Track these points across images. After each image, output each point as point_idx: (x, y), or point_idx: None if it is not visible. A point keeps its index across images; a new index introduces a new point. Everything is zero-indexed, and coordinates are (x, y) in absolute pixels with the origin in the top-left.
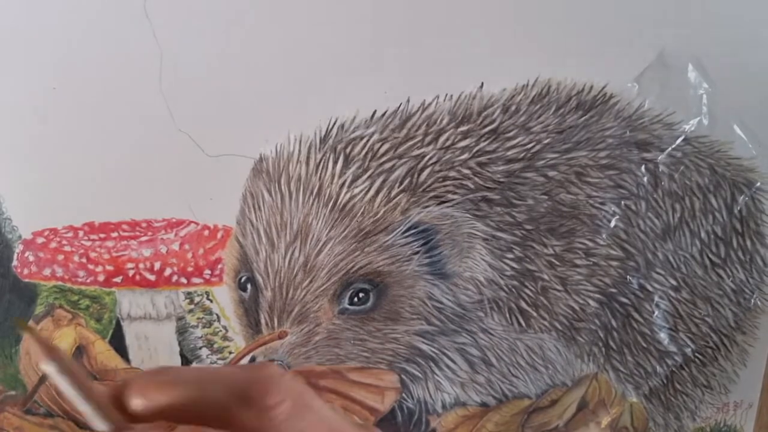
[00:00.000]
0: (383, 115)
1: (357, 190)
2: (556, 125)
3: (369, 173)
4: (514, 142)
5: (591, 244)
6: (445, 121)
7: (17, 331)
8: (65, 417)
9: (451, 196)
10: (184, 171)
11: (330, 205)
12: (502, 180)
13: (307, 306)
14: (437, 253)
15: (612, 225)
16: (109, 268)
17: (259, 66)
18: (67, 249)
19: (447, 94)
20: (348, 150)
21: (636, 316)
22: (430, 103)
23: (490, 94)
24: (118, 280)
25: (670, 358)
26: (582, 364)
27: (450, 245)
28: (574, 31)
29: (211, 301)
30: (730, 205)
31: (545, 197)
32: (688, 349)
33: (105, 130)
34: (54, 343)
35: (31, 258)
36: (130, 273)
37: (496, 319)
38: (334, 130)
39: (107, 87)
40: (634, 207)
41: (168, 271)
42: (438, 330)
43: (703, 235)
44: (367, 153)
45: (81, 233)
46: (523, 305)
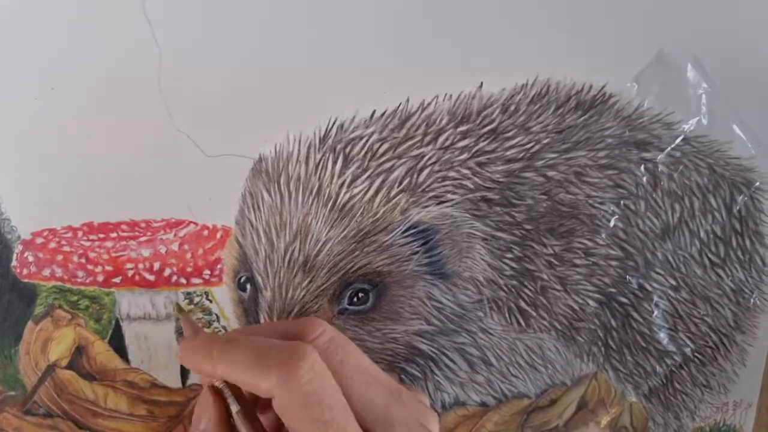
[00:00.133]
0: (382, 115)
1: (356, 190)
2: (556, 125)
3: (368, 173)
4: (514, 141)
5: (590, 244)
6: (444, 121)
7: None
8: (64, 417)
9: (450, 196)
10: (183, 171)
11: (329, 205)
12: (501, 180)
13: (307, 306)
14: (437, 252)
15: (611, 225)
16: (108, 268)
17: (258, 66)
18: (66, 249)
19: (446, 94)
20: (347, 150)
21: (635, 315)
22: (429, 103)
23: (489, 94)
24: (117, 280)
25: (670, 358)
26: (581, 363)
27: (449, 245)
28: (573, 31)
29: (210, 301)
30: (730, 205)
31: (544, 197)
32: (687, 349)
33: (104, 131)
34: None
35: (30, 258)
36: (130, 273)
37: (495, 319)
38: (334, 130)
39: (106, 87)
40: (633, 207)
41: (167, 272)
42: (437, 330)
43: (702, 234)
44: (366, 153)
45: (80, 233)
46: (523, 305)
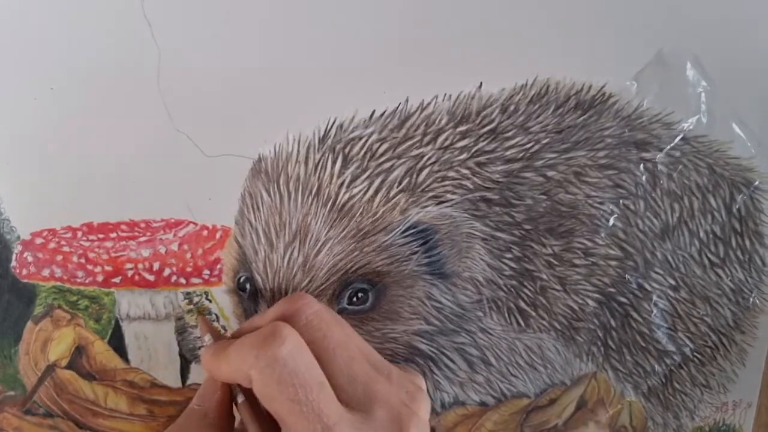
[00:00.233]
0: (382, 115)
1: (356, 190)
2: (555, 125)
3: (368, 173)
4: (513, 142)
5: (590, 244)
6: (443, 121)
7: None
8: (65, 417)
9: (449, 196)
10: (182, 171)
11: (329, 205)
12: (500, 180)
13: None
14: (436, 252)
15: (611, 224)
16: (107, 268)
17: (257, 66)
18: (65, 249)
19: (446, 94)
20: (347, 150)
21: (635, 315)
22: (428, 103)
23: (488, 94)
24: (117, 280)
25: (669, 358)
26: (581, 363)
27: (449, 245)
28: (573, 31)
29: (210, 301)
30: (729, 205)
31: (544, 197)
32: (686, 349)
33: (103, 131)
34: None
35: (29, 258)
36: (129, 273)
37: (495, 319)
38: (333, 130)
39: (105, 87)
40: (632, 206)
41: (167, 272)
42: (437, 330)
43: (701, 234)
44: (365, 153)
45: (79, 234)
46: (522, 305)
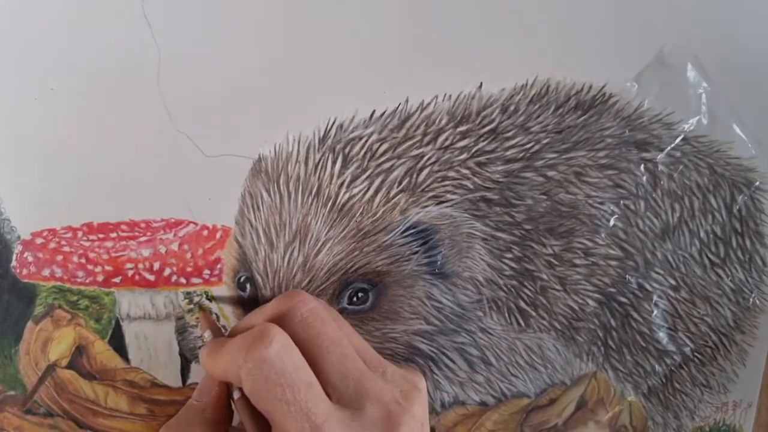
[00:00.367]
0: (382, 115)
1: (356, 190)
2: (555, 125)
3: (368, 173)
4: (513, 142)
5: (590, 244)
6: (443, 121)
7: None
8: (65, 417)
9: (450, 196)
10: (182, 171)
11: (329, 205)
12: (501, 180)
13: None
14: (436, 252)
15: (611, 224)
16: (108, 268)
17: (257, 66)
18: (66, 249)
19: (446, 94)
20: (347, 150)
21: (635, 315)
22: (428, 103)
23: (489, 94)
24: (117, 280)
25: (669, 358)
26: (581, 363)
27: (449, 245)
28: (573, 31)
29: (210, 300)
30: (730, 205)
31: (544, 197)
32: (687, 349)
33: (103, 131)
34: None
35: (30, 258)
36: (130, 273)
37: (495, 319)
38: (333, 130)
39: (105, 87)
40: (633, 207)
41: (167, 271)
42: (437, 329)
43: (702, 234)
44: (365, 153)
45: (80, 234)
46: (522, 305)
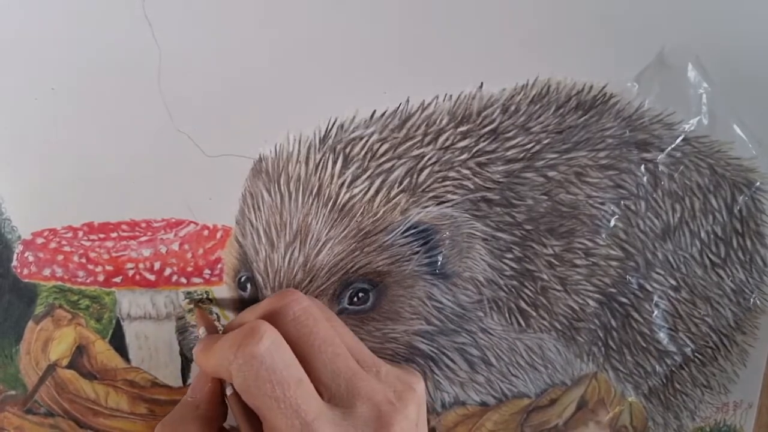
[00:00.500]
0: (382, 115)
1: (356, 190)
2: (556, 125)
3: (368, 173)
4: (514, 142)
5: (590, 244)
6: (444, 121)
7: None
8: (65, 416)
9: (450, 197)
10: (183, 171)
11: (329, 205)
12: (501, 180)
13: None
14: (437, 253)
15: (611, 225)
16: (108, 268)
17: (258, 66)
18: (66, 249)
19: (446, 94)
20: (347, 150)
21: (635, 315)
22: (429, 103)
23: (489, 94)
24: (117, 280)
25: (670, 358)
26: (581, 363)
27: (449, 245)
28: (573, 31)
29: (210, 300)
30: (730, 205)
31: (545, 197)
32: (687, 349)
33: (104, 131)
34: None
35: (30, 258)
36: (130, 273)
37: (495, 319)
38: (334, 130)
39: (106, 87)
40: (633, 207)
41: (168, 271)
42: (437, 330)
43: (702, 235)
44: (366, 153)
45: (80, 233)
46: (523, 305)
